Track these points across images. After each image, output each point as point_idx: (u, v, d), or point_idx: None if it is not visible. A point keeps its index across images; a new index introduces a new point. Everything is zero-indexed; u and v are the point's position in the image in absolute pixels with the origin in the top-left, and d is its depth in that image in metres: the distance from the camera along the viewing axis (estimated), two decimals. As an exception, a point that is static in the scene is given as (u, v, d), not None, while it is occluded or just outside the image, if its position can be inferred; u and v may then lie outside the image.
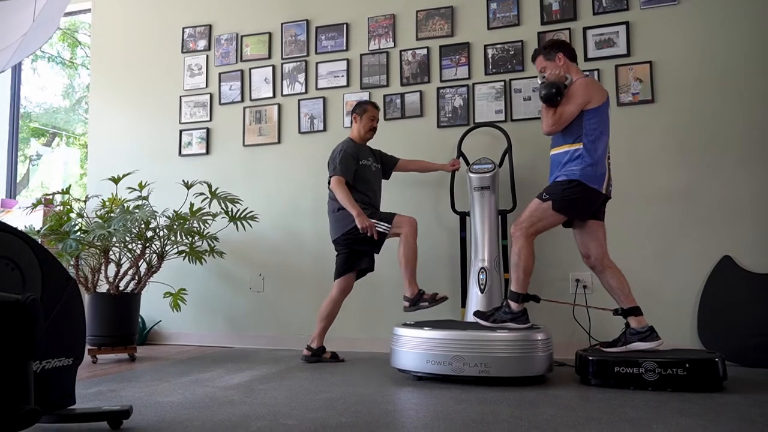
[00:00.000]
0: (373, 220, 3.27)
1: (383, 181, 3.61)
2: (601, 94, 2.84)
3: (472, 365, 2.67)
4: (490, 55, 3.84)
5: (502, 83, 3.79)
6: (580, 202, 2.80)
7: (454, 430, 1.98)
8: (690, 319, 3.33)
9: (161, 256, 3.75)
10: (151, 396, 2.54)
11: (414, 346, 2.81)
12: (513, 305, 2.83)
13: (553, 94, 2.77)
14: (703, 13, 3.48)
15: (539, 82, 2.92)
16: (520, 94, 3.75)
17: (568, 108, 2.79)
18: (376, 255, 3.46)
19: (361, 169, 3.41)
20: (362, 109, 3.54)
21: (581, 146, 2.79)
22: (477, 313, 2.96)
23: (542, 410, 2.25)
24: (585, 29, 3.67)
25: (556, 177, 2.86)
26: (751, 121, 3.35)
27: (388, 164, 3.64)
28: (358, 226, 3.23)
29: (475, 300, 3.32)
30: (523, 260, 2.81)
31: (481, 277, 3.37)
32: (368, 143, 3.57)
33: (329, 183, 3.41)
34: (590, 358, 2.70)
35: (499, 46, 3.82)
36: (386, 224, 3.26)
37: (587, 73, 3.23)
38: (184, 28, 4.59)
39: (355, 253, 3.42)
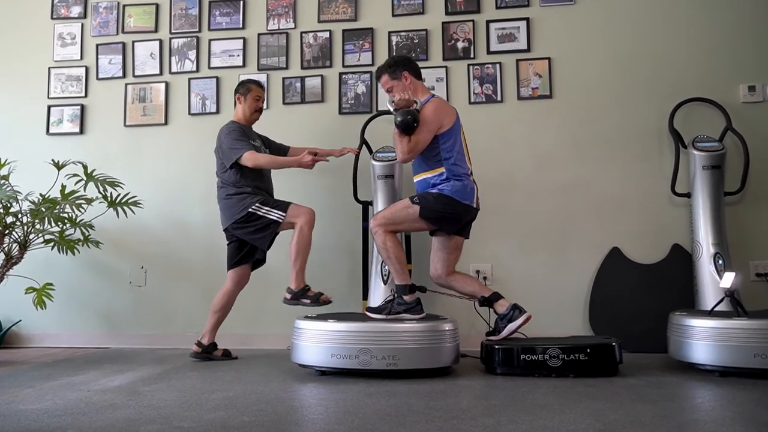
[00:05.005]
0: (266, 208, 3.04)
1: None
2: (451, 115, 2.83)
3: (380, 358, 2.55)
4: (394, 42, 3.76)
5: (406, 72, 3.72)
6: (450, 216, 2.78)
7: (369, 424, 1.85)
8: (582, 307, 3.45)
9: (23, 246, 3.28)
10: (11, 404, 2.18)
11: (317, 340, 2.65)
12: (406, 297, 2.76)
13: (410, 122, 2.68)
14: (597, 13, 3.62)
15: (388, 103, 2.84)
16: (425, 84, 3.70)
17: (422, 136, 2.73)
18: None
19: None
20: (246, 88, 3.27)
21: (443, 170, 2.77)
22: (369, 309, 2.84)
23: (456, 400, 2.18)
24: (488, 22, 3.69)
25: (426, 190, 2.82)
26: (640, 121, 3.52)
27: (278, 152, 3.38)
28: (305, 161, 3.02)
29: (379, 292, 3.22)
30: (393, 251, 2.74)
31: (384, 268, 3.27)
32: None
33: (220, 170, 3.16)
34: (496, 347, 2.69)
35: (403, 33, 3.75)
36: (280, 212, 3.03)
37: (432, 93, 3.05)
38: (54, -8, 4.10)
39: (247, 243, 3.17)
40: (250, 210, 3.04)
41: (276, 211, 3.04)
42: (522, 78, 3.62)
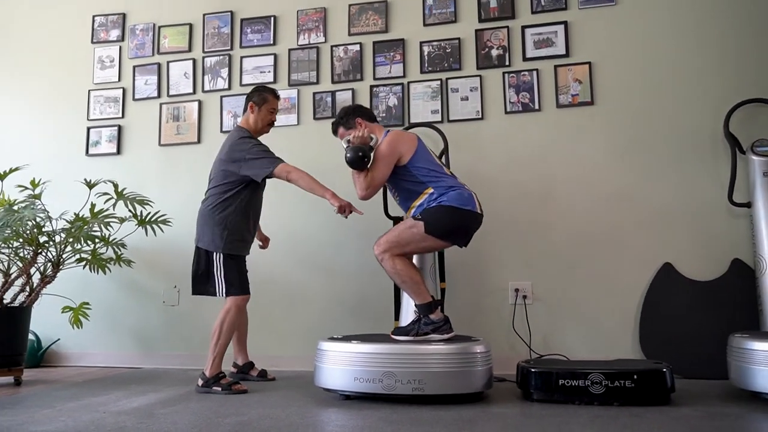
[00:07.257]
0: (223, 269, 2.82)
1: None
2: (409, 142, 2.70)
3: (405, 382, 2.39)
4: (426, 53, 3.64)
5: (439, 82, 3.59)
6: (457, 226, 2.60)
7: (381, 456, 1.70)
8: (632, 329, 3.18)
9: (56, 265, 3.30)
10: (24, 425, 2.13)
11: (341, 362, 2.51)
12: (432, 315, 2.58)
13: (359, 158, 2.60)
14: (640, 12, 3.40)
15: (344, 146, 2.72)
16: (457, 94, 3.56)
17: (378, 171, 2.64)
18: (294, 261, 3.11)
19: None
20: (261, 98, 2.95)
21: (432, 190, 2.63)
22: (395, 331, 2.66)
23: (483, 430, 1.99)
24: (523, 28, 3.53)
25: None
26: (691, 125, 3.27)
27: None
28: (336, 205, 2.68)
29: (411, 311, 3.04)
30: (405, 274, 2.57)
31: (415, 286, 3.11)
32: None
33: (216, 182, 2.93)
34: (533, 370, 2.48)
35: (435, 43, 3.63)
36: (226, 287, 2.81)
37: (387, 129, 2.80)
38: (94, 16, 4.18)
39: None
40: (214, 253, 2.85)
41: (225, 283, 2.82)
42: (561, 85, 3.43)
